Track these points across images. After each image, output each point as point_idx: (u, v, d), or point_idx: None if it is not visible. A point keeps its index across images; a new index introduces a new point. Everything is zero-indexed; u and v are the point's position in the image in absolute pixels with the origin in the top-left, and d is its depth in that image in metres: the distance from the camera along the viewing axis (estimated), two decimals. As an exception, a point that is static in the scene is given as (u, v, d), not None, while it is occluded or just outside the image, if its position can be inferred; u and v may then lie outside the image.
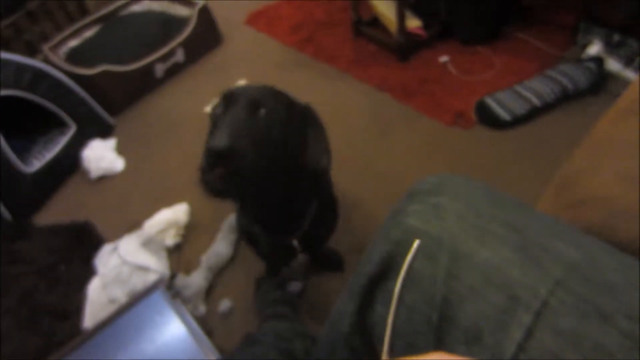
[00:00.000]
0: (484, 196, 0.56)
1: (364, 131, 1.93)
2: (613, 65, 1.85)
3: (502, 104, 1.80)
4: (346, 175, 1.75)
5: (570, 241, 0.50)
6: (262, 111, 0.87)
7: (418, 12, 2.26)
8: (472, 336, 0.48)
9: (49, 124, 2.08)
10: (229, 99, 0.88)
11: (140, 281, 1.44)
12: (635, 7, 1.68)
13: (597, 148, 0.77)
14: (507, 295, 0.46)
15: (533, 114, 1.79)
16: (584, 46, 1.95)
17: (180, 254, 1.64)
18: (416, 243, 0.52)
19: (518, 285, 0.46)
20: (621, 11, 1.71)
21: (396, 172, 1.75)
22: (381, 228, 0.61)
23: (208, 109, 2.22)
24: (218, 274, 1.55)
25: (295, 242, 1.10)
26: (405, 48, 2.18)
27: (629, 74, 1.80)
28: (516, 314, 0.45)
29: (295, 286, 1.45)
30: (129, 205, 1.86)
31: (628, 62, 1.82)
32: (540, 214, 0.56)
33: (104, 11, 2.60)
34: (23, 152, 1.99)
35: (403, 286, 0.53)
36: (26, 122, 2.06)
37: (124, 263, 1.47)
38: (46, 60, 2.27)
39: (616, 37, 1.85)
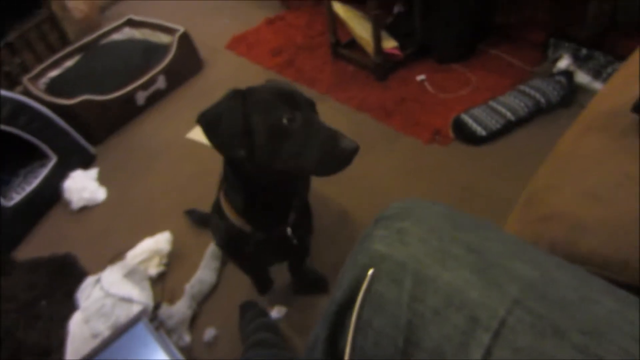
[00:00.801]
0: (446, 219, 0.57)
1: (345, 152, 1.95)
2: (582, 78, 1.90)
3: (477, 120, 1.83)
4: (330, 195, 1.77)
5: (528, 259, 0.51)
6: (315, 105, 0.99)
7: (394, 33, 2.31)
8: (436, 358, 0.48)
9: (30, 156, 2.08)
10: (291, 100, 0.92)
11: (124, 313, 1.43)
12: (599, 24, 1.74)
13: (560, 164, 0.79)
14: (467, 316, 0.48)
15: (508, 128, 1.82)
16: (555, 61, 2.00)
17: (164, 284, 1.63)
18: (370, 272, 0.54)
19: (477, 306, 0.48)
20: (587, 27, 1.77)
21: (379, 191, 1.77)
22: (351, 253, 0.63)
23: (191, 135, 2.23)
24: (202, 302, 1.54)
25: (289, 230, 1.11)
26: (383, 68, 2.22)
27: (598, 85, 1.84)
28: (476, 334, 0.46)
29: (279, 312, 1.45)
30: (111, 235, 1.85)
31: (596, 74, 1.87)
32: (501, 233, 0.57)
33: (84, 40, 2.62)
34: (3, 186, 1.98)
35: (371, 310, 0.54)
36: (6, 155, 2.05)
37: (107, 295, 1.46)
38: (26, 92, 2.27)
39: (584, 51, 1.91)
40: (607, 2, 1.68)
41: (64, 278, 1.64)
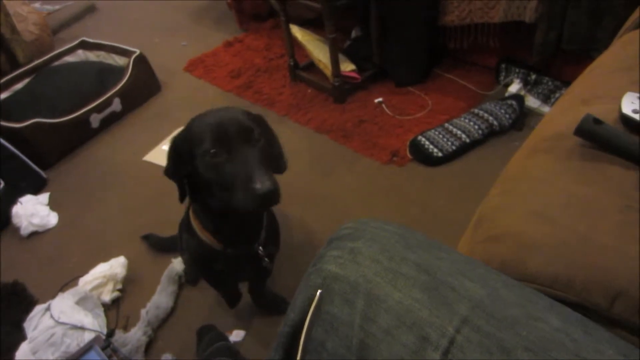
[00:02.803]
0: (398, 239, 0.58)
1: (306, 173, 1.96)
2: (532, 101, 1.99)
3: (433, 142, 1.88)
4: (291, 216, 1.76)
5: (476, 278, 0.52)
6: (254, 133, 0.93)
7: (352, 56, 2.35)
8: (388, 379, 0.49)
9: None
10: (221, 134, 0.90)
11: (75, 342, 1.37)
12: (546, 50, 1.82)
13: (509, 185, 0.82)
14: (417, 335, 0.48)
15: (463, 150, 1.88)
16: (507, 85, 2.08)
17: (118, 310, 1.58)
18: (318, 293, 0.54)
19: (427, 325, 0.48)
20: (535, 54, 1.85)
21: (339, 211, 1.78)
22: (305, 274, 0.62)
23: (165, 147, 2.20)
24: (158, 327, 1.50)
25: (260, 249, 1.11)
26: (341, 91, 2.25)
27: (547, 109, 1.93)
28: (426, 353, 0.47)
29: (238, 335, 1.42)
30: (63, 261, 1.78)
31: (545, 99, 1.95)
32: (452, 253, 0.59)
33: (35, 62, 2.55)
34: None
35: (324, 332, 0.54)
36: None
37: (57, 324, 1.39)
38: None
39: (533, 76, 2.00)
40: (552, 30, 1.76)
41: (11, 307, 1.56)
